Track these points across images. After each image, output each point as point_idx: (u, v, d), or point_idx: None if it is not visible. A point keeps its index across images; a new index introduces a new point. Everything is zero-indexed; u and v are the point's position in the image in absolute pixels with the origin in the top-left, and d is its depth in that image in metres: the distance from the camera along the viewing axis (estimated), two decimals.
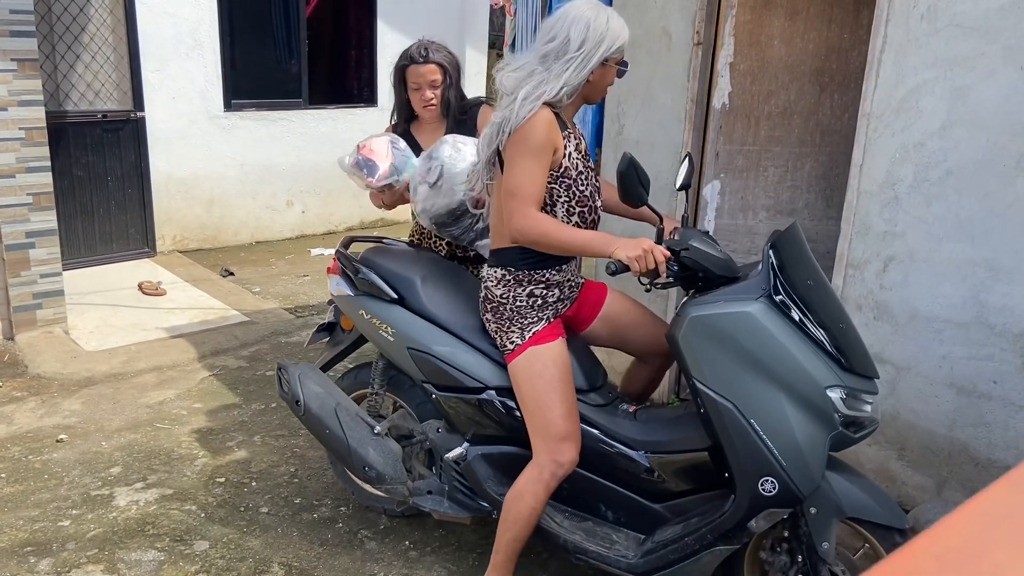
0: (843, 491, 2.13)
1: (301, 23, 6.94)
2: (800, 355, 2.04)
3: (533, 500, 2.34)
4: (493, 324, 2.42)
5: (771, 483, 2.08)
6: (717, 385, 2.11)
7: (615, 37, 2.22)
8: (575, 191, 2.28)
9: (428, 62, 2.90)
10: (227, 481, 3.29)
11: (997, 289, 2.71)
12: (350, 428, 2.68)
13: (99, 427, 3.69)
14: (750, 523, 2.15)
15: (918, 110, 2.82)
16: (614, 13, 2.25)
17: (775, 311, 2.06)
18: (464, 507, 2.64)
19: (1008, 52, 2.60)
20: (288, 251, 6.91)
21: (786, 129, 3.57)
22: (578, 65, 2.19)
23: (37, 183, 4.50)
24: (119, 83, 6.10)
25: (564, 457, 2.31)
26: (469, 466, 2.58)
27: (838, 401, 2.05)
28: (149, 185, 6.32)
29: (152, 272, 6.00)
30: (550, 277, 2.36)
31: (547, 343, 2.35)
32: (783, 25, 3.46)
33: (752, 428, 2.07)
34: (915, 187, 2.86)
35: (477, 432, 2.59)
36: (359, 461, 2.66)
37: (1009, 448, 2.76)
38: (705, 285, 2.20)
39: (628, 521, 2.43)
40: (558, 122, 2.24)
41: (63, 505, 3.09)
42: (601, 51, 2.20)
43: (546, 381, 2.31)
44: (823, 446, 2.06)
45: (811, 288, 2.13)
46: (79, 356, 4.44)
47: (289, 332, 4.93)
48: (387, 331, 2.66)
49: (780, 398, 2.05)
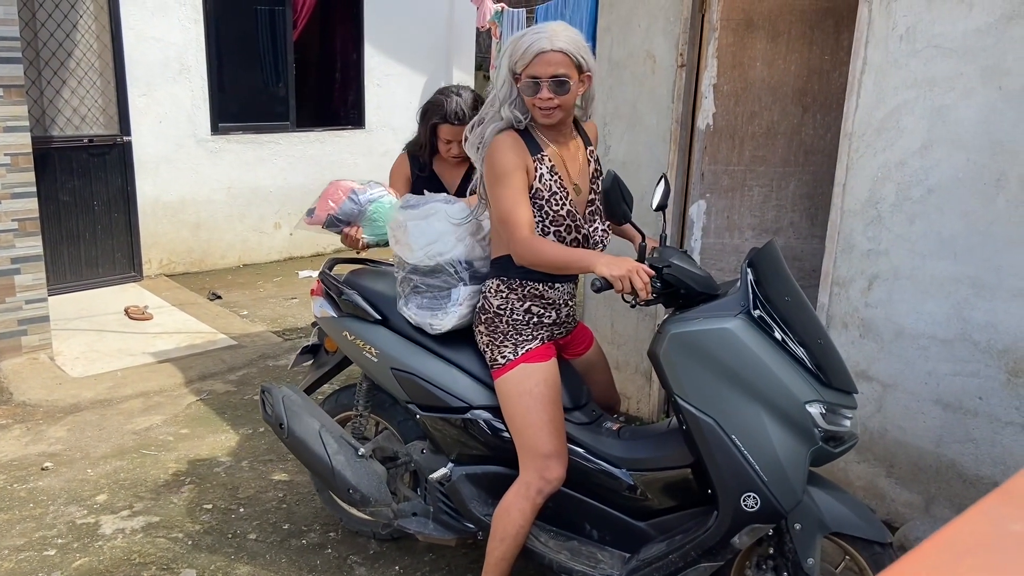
0: (826, 506, 2.15)
1: (288, 46, 6.97)
2: (779, 371, 2.06)
3: (520, 517, 2.34)
4: (486, 337, 2.41)
5: (753, 499, 2.09)
6: (698, 401, 2.12)
7: (516, 50, 2.21)
8: (548, 211, 2.29)
9: (463, 123, 2.86)
10: (214, 507, 3.26)
11: (980, 306, 2.74)
12: (334, 451, 2.67)
13: (85, 454, 3.66)
14: (733, 539, 2.16)
15: (899, 130, 2.86)
16: (538, 30, 2.22)
17: (754, 327, 2.08)
18: (449, 528, 2.63)
19: (986, 72, 2.64)
20: (276, 273, 6.89)
21: (770, 149, 3.61)
22: (499, 80, 2.27)
23: (22, 209, 4.48)
24: (105, 108, 6.09)
25: (551, 474, 2.32)
26: (454, 486, 2.58)
27: (818, 416, 2.06)
28: (136, 209, 6.30)
29: (139, 296, 5.97)
30: (544, 292, 2.37)
31: (539, 362, 2.36)
32: (765, 47, 3.50)
33: (733, 444, 2.08)
34: (897, 206, 2.89)
35: (461, 452, 2.58)
36: (343, 484, 2.64)
37: (996, 464, 2.77)
38: (686, 302, 2.22)
39: (613, 539, 2.43)
40: (528, 143, 2.27)
41: (48, 534, 3.05)
42: (505, 63, 2.24)
43: (535, 398, 2.32)
44: (804, 461, 2.08)
45: (789, 304, 2.15)
46: (64, 382, 4.41)
47: (277, 355, 4.91)
48: (371, 352, 2.66)
49: (760, 414, 2.07)
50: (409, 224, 2.54)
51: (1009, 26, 2.57)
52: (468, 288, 2.50)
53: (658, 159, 3.72)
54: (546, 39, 2.19)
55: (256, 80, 7.00)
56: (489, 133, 2.28)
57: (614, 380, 2.84)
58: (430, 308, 2.53)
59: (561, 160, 2.33)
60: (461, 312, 2.50)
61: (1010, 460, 2.73)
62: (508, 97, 2.26)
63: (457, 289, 2.50)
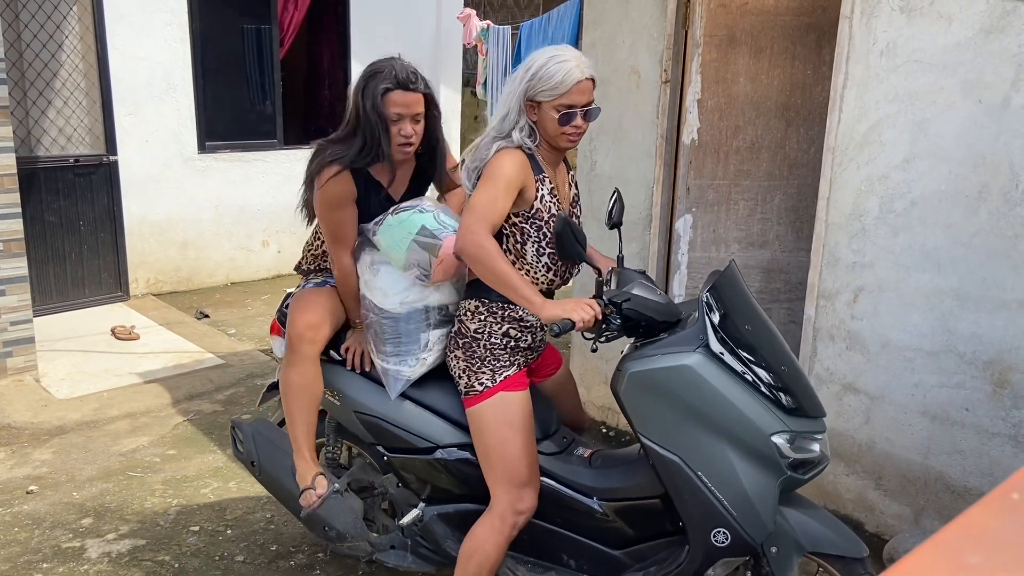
0: (801, 527, 2.13)
1: (275, 64, 6.97)
2: (742, 404, 2.02)
3: (496, 552, 2.29)
4: (462, 362, 2.34)
5: (724, 534, 2.06)
6: (662, 439, 2.08)
7: (538, 79, 2.17)
8: (546, 231, 2.27)
9: (417, 90, 2.43)
10: (201, 529, 3.23)
11: (965, 317, 2.75)
12: None
13: (70, 477, 3.62)
14: (707, 573, 2.14)
15: (881, 143, 2.88)
16: (563, 58, 2.18)
17: (713, 362, 2.04)
18: (429, 561, 2.59)
19: (966, 86, 2.67)
20: (264, 291, 6.87)
21: (755, 163, 3.63)
22: (508, 105, 2.24)
23: (7, 230, 4.45)
24: (91, 127, 6.08)
25: (524, 505, 2.29)
26: (427, 527, 2.53)
27: (784, 447, 2.03)
28: (122, 228, 6.27)
29: (125, 316, 5.93)
30: (524, 316, 2.32)
31: (516, 391, 2.33)
32: (748, 62, 3.53)
33: (700, 481, 2.05)
34: (881, 218, 2.91)
35: (433, 491, 2.54)
36: (318, 522, 2.56)
37: (984, 475, 2.78)
38: (647, 332, 2.18)
39: (590, 568, 2.39)
40: (532, 164, 2.25)
41: (33, 559, 3.01)
42: (520, 91, 2.21)
43: (513, 428, 2.28)
44: (773, 493, 2.06)
45: (750, 332, 2.11)
46: (50, 404, 4.37)
47: (265, 374, 4.88)
48: (334, 396, 2.60)
49: (726, 449, 2.03)
50: (383, 268, 2.45)
51: (988, 40, 2.60)
52: (437, 332, 2.44)
53: (644, 174, 3.73)
54: (576, 68, 2.17)
55: (243, 98, 7.00)
56: (495, 148, 2.22)
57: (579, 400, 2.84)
58: (397, 355, 2.45)
59: (556, 184, 2.34)
60: (432, 359, 2.46)
61: (997, 471, 2.74)
62: (517, 123, 2.23)
63: (426, 334, 2.43)
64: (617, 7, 3.78)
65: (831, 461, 3.11)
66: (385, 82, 2.39)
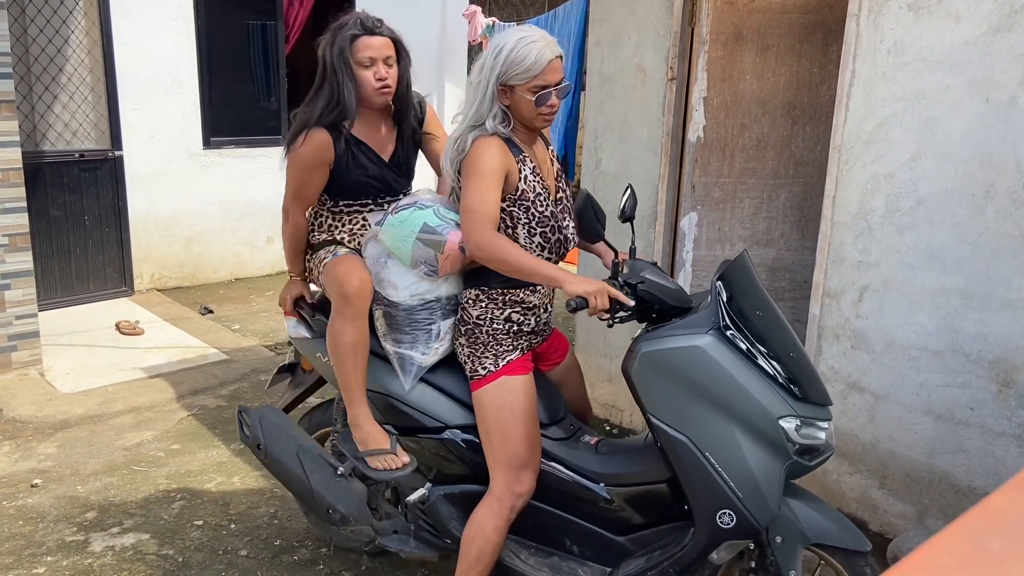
0: (806, 518, 2.15)
1: (280, 60, 6.98)
2: (751, 387, 2.05)
3: (496, 535, 2.32)
4: (466, 348, 2.39)
5: (729, 515, 2.08)
6: (671, 419, 2.11)
7: (510, 63, 2.15)
8: (534, 212, 2.27)
9: (382, 34, 2.50)
10: (205, 524, 3.24)
11: (971, 316, 2.75)
12: (312, 471, 2.62)
13: (75, 471, 3.63)
14: (711, 555, 2.15)
15: (887, 142, 2.87)
16: (531, 39, 2.17)
17: (725, 344, 2.07)
18: (431, 545, 2.61)
19: (974, 84, 2.66)
20: (268, 287, 6.87)
21: (760, 161, 3.62)
22: (478, 92, 2.22)
23: (13, 224, 4.46)
24: (97, 122, 6.09)
25: (522, 487, 2.31)
26: (433, 507, 2.55)
27: (791, 431, 2.05)
28: (127, 224, 6.28)
29: (130, 311, 5.94)
30: (526, 298, 2.34)
31: (518, 375, 2.34)
32: (754, 60, 3.53)
33: (708, 461, 2.07)
34: (887, 217, 2.90)
35: (440, 472, 2.56)
36: (323, 504, 2.59)
37: (988, 475, 2.77)
38: (659, 316, 2.21)
39: (593, 554, 2.41)
40: (511, 148, 2.24)
41: (37, 552, 3.02)
42: (494, 77, 2.19)
43: (514, 413, 2.30)
44: (779, 477, 2.07)
45: (761, 318, 2.14)
46: (55, 398, 4.38)
47: (269, 370, 4.88)
48: None
49: (734, 431, 2.06)
50: (390, 262, 2.46)
51: (996, 39, 2.60)
52: (448, 321, 2.46)
53: (649, 171, 3.73)
54: (546, 47, 2.16)
55: (248, 94, 7.00)
56: (472, 137, 2.22)
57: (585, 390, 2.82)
58: (411, 343, 2.48)
59: (538, 162, 2.34)
60: (444, 348, 2.48)
61: (1002, 470, 2.73)
62: (490, 111, 2.22)
63: (437, 324, 2.45)
64: (623, 4, 3.77)
65: (835, 459, 3.12)
66: (352, 29, 2.47)
